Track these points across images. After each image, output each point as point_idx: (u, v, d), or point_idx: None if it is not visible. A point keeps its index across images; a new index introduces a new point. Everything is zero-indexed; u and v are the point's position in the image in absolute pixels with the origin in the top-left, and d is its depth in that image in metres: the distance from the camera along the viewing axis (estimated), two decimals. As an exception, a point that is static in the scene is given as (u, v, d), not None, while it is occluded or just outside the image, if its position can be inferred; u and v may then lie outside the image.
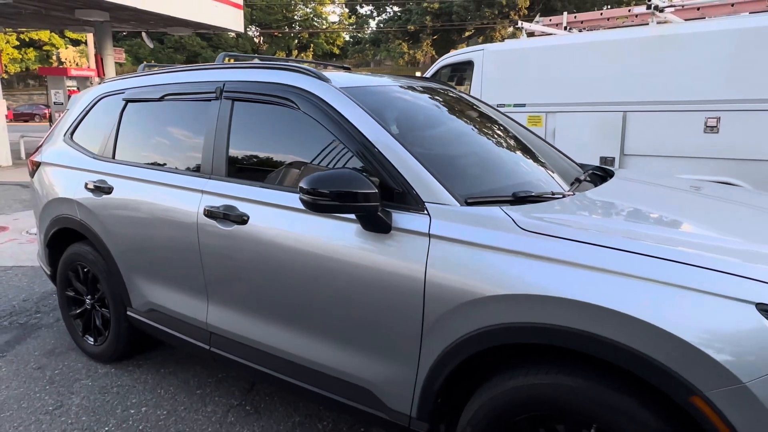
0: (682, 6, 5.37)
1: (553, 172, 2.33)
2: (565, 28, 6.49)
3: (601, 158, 5.09)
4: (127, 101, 2.93)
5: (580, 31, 6.46)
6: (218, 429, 2.50)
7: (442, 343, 1.70)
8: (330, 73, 2.28)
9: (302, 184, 1.78)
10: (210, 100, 2.49)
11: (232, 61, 2.88)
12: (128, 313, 2.88)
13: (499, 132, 2.58)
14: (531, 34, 6.57)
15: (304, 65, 2.30)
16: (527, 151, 2.50)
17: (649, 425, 1.38)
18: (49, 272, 3.41)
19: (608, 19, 6.33)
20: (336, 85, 2.16)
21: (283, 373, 2.19)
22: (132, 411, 2.65)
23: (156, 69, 3.05)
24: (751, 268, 1.36)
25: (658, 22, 5.20)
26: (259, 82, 2.33)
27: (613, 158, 5.06)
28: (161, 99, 2.73)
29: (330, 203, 1.75)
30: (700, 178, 4.31)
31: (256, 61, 2.90)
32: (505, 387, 1.61)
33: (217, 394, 2.82)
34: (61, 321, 3.71)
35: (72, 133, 3.24)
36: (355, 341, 1.94)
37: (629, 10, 6.11)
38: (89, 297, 3.15)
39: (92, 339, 3.17)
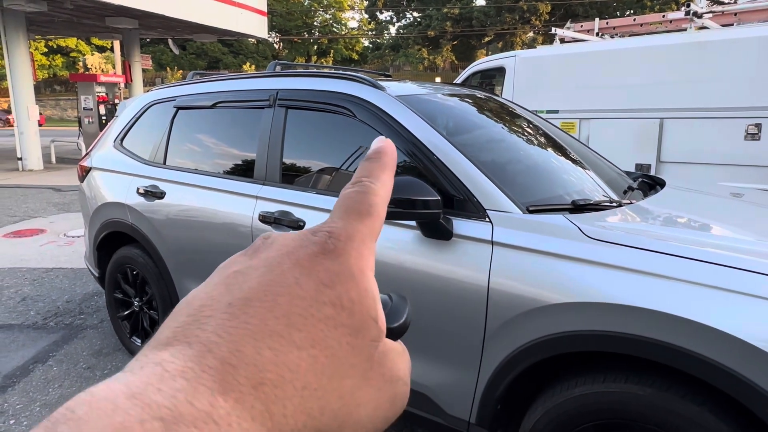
0: (722, 12, 5.31)
1: (605, 181, 2.33)
2: (597, 35, 6.46)
3: (637, 165, 5.04)
4: (178, 108, 3.00)
5: (612, 37, 6.42)
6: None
7: (504, 350, 1.72)
8: (384, 82, 2.31)
9: (366, 191, 1.81)
10: (263, 108, 2.54)
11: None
12: (177, 315, 2.93)
13: (547, 140, 2.59)
14: (562, 41, 6.55)
15: (360, 74, 2.34)
16: (578, 159, 2.50)
17: (723, 435, 1.38)
18: (97, 274, 3.49)
19: (641, 25, 6.28)
20: (391, 94, 2.20)
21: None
22: (182, 412, 2.70)
23: (206, 77, 3.12)
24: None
25: (697, 28, 5.15)
26: (315, 91, 2.37)
27: (649, 165, 5.02)
28: (213, 106, 2.79)
29: (394, 210, 1.77)
30: (741, 185, 4.25)
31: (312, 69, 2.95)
32: (572, 394, 1.62)
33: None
34: (105, 322, 3.80)
35: (122, 139, 3.33)
36: (412, 346, 1.96)
37: (663, 16, 6.06)
38: (138, 299, 3.22)
39: (140, 340, 3.24)
